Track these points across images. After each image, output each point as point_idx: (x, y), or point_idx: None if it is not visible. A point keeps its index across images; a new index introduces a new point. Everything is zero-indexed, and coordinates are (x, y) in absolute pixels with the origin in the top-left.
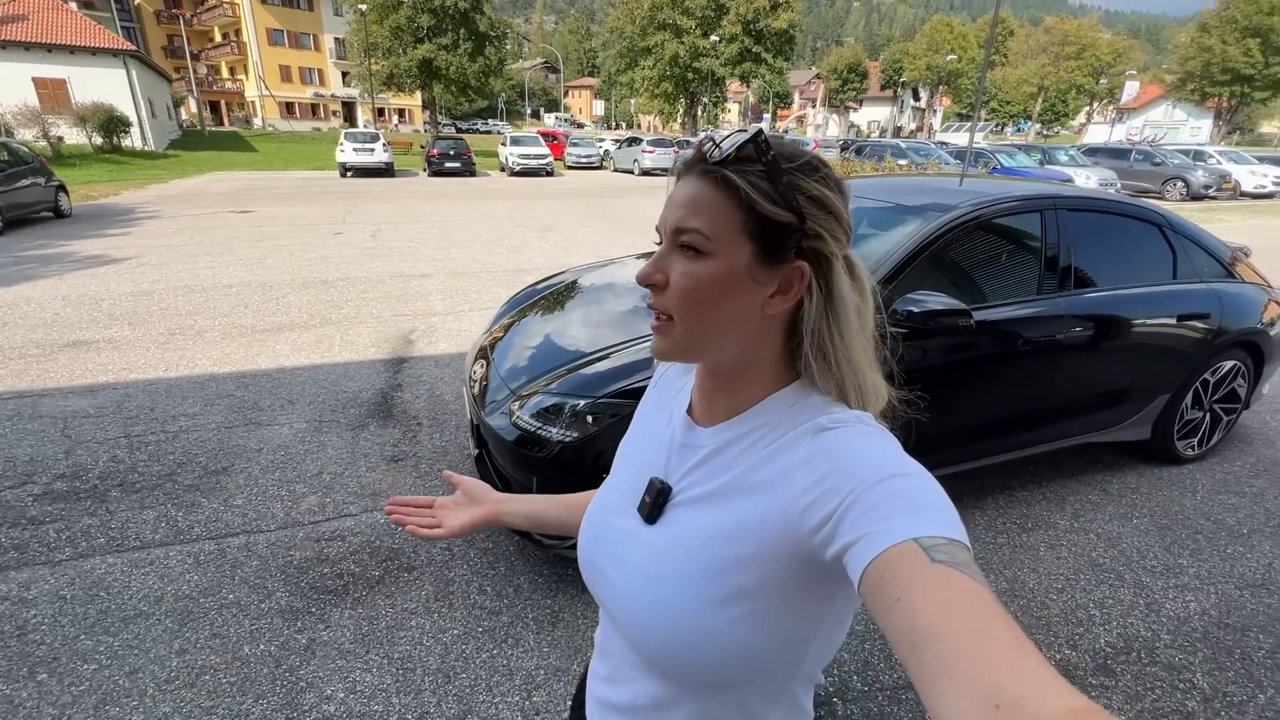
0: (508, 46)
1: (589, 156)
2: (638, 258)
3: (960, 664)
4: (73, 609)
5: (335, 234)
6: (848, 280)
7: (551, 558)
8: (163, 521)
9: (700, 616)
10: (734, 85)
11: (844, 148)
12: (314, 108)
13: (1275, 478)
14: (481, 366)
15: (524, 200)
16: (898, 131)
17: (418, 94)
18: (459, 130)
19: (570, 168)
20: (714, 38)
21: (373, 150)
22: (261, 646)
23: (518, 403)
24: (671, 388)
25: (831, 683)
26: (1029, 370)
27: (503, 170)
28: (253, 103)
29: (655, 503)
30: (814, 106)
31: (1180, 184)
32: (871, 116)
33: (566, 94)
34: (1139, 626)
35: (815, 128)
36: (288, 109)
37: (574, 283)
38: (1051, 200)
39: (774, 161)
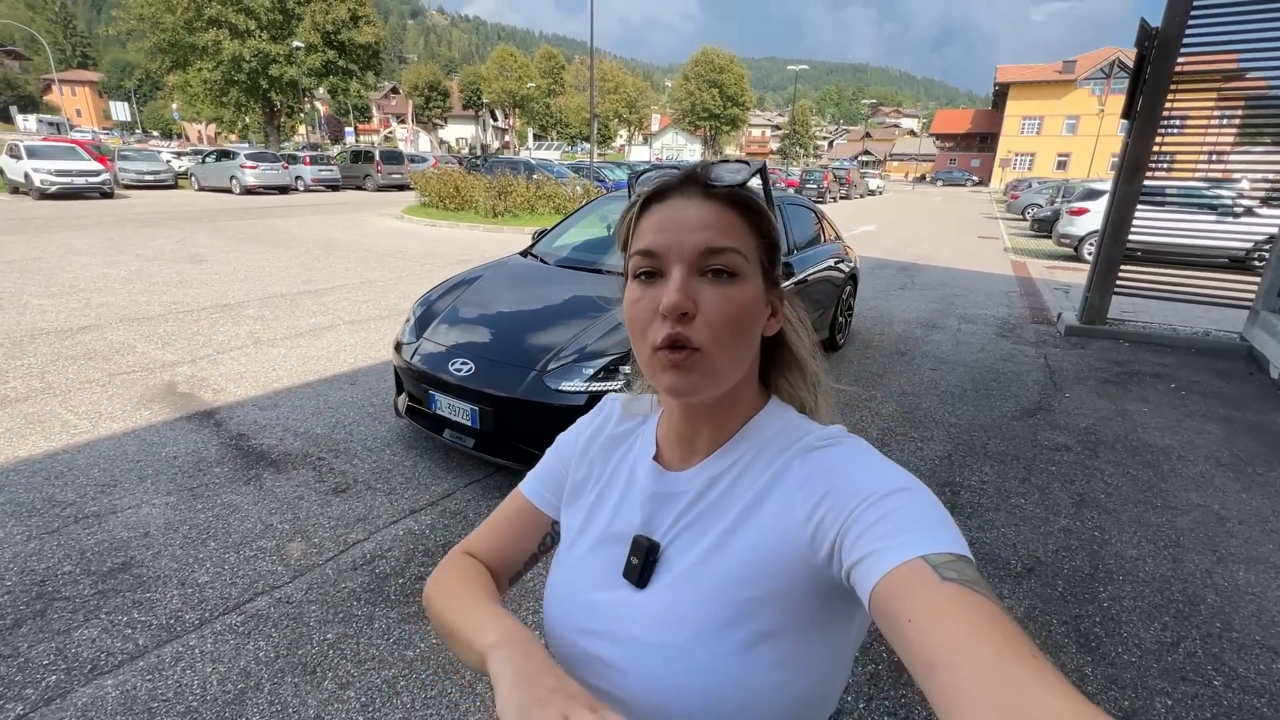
0: None
1: (157, 174)
2: (522, 255)
3: (983, 687)
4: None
5: None
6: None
7: None
8: (128, 629)
9: (730, 674)
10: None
11: (472, 166)
12: None
13: (874, 349)
14: (466, 364)
15: (113, 230)
16: (484, 149)
17: None
18: None
19: (128, 187)
20: (297, 44)
21: None
22: (421, 648)
23: (550, 375)
24: (619, 442)
25: None
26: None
27: (18, 191)
28: None
29: (646, 562)
30: (400, 122)
31: None
32: (458, 134)
33: (48, 89)
34: (909, 404)
35: (405, 142)
36: None
37: (483, 277)
38: (781, 199)
39: (769, 190)
